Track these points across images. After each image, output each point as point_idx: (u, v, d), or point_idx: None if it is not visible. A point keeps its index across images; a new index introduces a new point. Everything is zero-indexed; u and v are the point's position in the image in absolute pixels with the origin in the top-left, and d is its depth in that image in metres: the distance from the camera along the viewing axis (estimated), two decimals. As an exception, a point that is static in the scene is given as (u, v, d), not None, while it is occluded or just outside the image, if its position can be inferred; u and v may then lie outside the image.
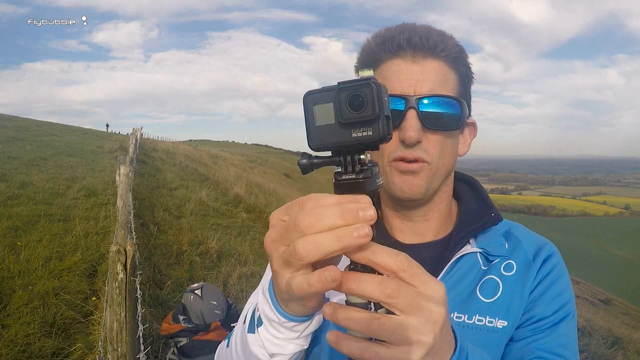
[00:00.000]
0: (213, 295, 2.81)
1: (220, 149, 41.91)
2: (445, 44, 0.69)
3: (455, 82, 0.71)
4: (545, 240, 0.80)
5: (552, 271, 0.75)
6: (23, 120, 24.63)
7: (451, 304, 0.70)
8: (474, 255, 0.75)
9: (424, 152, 0.69)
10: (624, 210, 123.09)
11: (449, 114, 0.69)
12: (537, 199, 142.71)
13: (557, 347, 0.70)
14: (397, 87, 0.68)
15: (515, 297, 0.72)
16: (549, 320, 0.72)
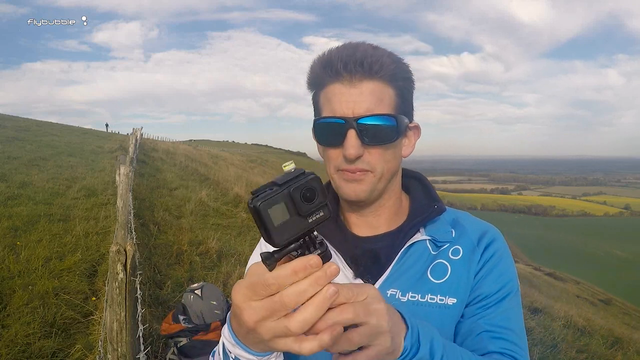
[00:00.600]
0: (213, 295, 2.81)
1: (220, 149, 41.91)
2: (380, 65, 0.76)
3: (392, 97, 0.78)
4: (488, 226, 0.89)
5: (494, 254, 0.84)
6: (23, 120, 24.64)
7: (406, 285, 0.81)
8: (424, 243, 0.84)
9: (365, 164, 0.78)
10: (624, 210, 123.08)
11: (386, 129, 0.77)
12: (537, 199, 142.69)
13: (502, 320, 0.79)
14: (337, 109, 0.77)
15: (463, 278, 0.81)
16: (493, 297, 0.81)
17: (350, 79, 0.76)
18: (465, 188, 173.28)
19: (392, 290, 0.81)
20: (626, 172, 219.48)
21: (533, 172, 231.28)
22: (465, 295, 0.81)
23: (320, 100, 0.81)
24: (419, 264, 0.83)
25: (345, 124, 0.76)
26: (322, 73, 0.79)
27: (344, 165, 0.79)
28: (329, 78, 0.78)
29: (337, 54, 0.77)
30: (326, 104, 0.79)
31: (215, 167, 18.24)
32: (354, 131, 0.76)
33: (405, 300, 0.80)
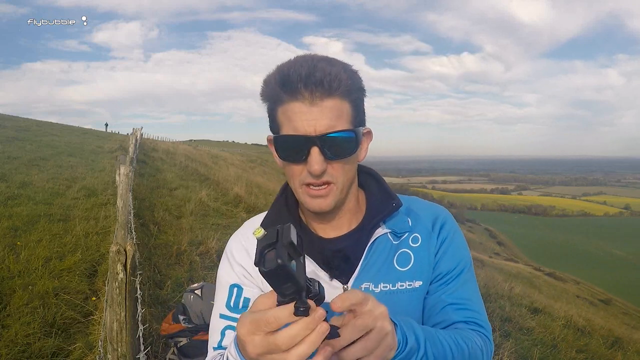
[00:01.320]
0: (213, 295, 2.81)
1: (220, 149, 41.92)
2: (339, 82, 0.78)
3: (349, 111, 0.82)
4: (438, 209, 0.97)
5: (448, 235, 0.93)
6: (23, 120, 24.64)
7: (376, 277, 0.88)
8: (385, 236, 0.91)
9: (330, 176, 0.82)
10: (624, 210, 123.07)
11: (346, 143, 0.81)
12: (537, 199, 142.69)
13: (462, 293, 0.90)
14: (299, 127, 0.79)
15: (424, 262, 0.90)
16: (452, 273, 0.91)
17: (311, 98, 0.78)
18: (465, 188, 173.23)
19: (365, 284, 0.88)
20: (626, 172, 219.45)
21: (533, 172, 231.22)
22: (429, 276, 0.91)
23: (279, 117, 0.83)
24: (384, 256, 0.90)
25: (309, 141, 0.79)
26: (280, 90, 0.80)
27: (308, 179, 0.82)
28: (288, 96, 0.79)
29: (295, 72, 0.78)
30: (286, 121, 0.81)
31: (215, 167, 18.25)
32: (317, 148, 0.79)
33: (379, 291, 0.88)
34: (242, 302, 0.92)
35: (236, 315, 0.91)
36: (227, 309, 0.92)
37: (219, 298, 0.95)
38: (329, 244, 0.92)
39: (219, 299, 0.95)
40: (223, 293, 0.94)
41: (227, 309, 0.92)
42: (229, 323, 0.91)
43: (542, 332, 5.32)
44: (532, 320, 5.78)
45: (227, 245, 1.01)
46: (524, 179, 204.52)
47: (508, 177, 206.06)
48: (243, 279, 0.94)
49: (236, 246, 0.97)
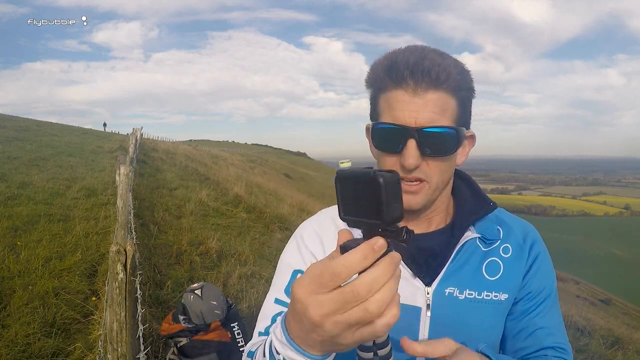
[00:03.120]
0: (213, 295, 2.81)
1: (220, 149, 41.91)
2: (447, 75, 0.74)
3: (455, 108, 0.78)
4: (528, 225, 0.95)
5: (539, 254, 0.90)
6: (23, 120, 24.62)
7: (463, 283, 0.84)
8: (474, 240, 0.87)
9: (423, 174, 0.78)
10: (624, 210, 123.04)
11: (446, 142, 0.77)
12: (537, 199, 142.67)
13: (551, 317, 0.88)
14: (399, 116, 0.75)
15: (513, 275, 0.87)
16: (542, 295, 0.88)
17: (415, 88, 0.74)
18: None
19: (449, 288, 0.83)
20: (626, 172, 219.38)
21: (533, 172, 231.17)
22: (515, 291, 0.87)
23: (380, 104, 0.80)
24: (472, 262, 0.85)
25: (406, 133, 0.75)
26: (385, 77, 0.77)
27: (401, 174, 0.76)
28: (393, 83, 0.76)
29: (403, 59, 0.75)
30: (387, 109, 0.78)
31: (215, 167, 18.25)
32: (415, 141, 0.75)
33: (463, 298, 0.83)
34: None
35: None
36: (285, 294, 0.85)
37: (278, 282, 0.88)
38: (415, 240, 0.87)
39: (277, 282, 0.88)
40: (284, 277, 0.88)
41: (286, 294, 0.85)
42: (283, 309, 0.84)
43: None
44: (532, 320, 5.78)
45: (298, 229, 0.96)
46: (524, 179, 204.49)
47: (508, 177, 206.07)
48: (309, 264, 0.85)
49: (309, 231, 0.92)
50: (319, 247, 0.89)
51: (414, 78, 0.74)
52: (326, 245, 0.89)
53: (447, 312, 0.82)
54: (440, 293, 0.83)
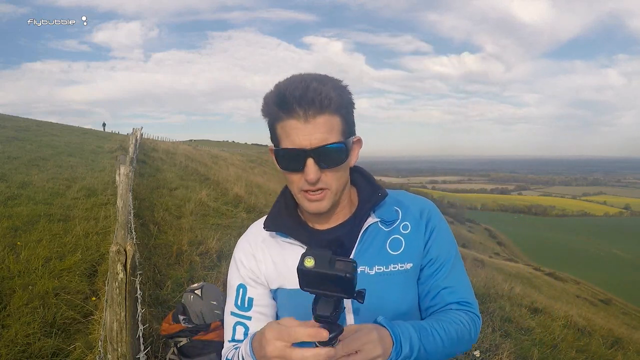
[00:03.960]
0: (213, 295, 2.81)
1: (220, 149, 41.91)
2: (329, 100, 0.88)
3: (340, 124, 0.92)
4: (424, 200, 1.08)
5: (436, 225, 1.04)
6: (23, 120, 24.63)
7: (371, 261, 0.98)
8: (376, 224, 1.02)
9: (324, 183, 0.93)
10: (624, 210, 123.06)
11: (338, 154, 0.91)
12: (537, 199, 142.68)
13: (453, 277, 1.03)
14: (296, 141, 0.89)
15: (414, 246, 1.01)
16: (442, 260, 1.03)
17: (305, 116, 0.88)
18: (465, 188, 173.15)
19: (360, 267, 0.96)
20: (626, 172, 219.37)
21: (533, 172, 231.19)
22: (419, 259, 1.02)
23: (278, 131, 0.93)
24: (376, 242, 1.00)
25: (304, 154, 0.89)
26: (278, 110, 0.90)
27: (305, 187, 0.93)
28: (285, 114, 0.89)
29: (290, 93, 0.88)
30: (284, 136, 0.91)
31: (215, 167, 18.25)
32: (312, 159, 0.89)
33: (373, 273, 0.98)
34: (247, 301, 1.05)
35: (242, 312, 1.05)
36: (235, 307, 1.06)
37: (230, 298, 1.08)
38: (325, 234, 1.03)
39: (229, 299, 1.08)
40: (232, 293, 1.07)
41: (236, 307, 1.06)
42: (238, 320, 1.05)
43: (542, 332, 5.32)
44: (532, 320, 5.77)
45: (234, 250, 1.11)
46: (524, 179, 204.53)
47: (508, 177, 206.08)
48: (248, 279, 1.06)
49: (242, 251, 1.09)
50: (253, 261, 1.06)
51: (302, 108, 0.87)
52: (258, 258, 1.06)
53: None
54: None
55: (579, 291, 23.58)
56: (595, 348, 5.44)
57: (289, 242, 1.02)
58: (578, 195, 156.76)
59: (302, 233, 1.02)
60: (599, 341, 5.86)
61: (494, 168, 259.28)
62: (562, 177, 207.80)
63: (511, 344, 4.41)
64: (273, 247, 1.05)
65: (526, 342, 4.77)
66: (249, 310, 1.05)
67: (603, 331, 6.78)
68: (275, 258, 1.04)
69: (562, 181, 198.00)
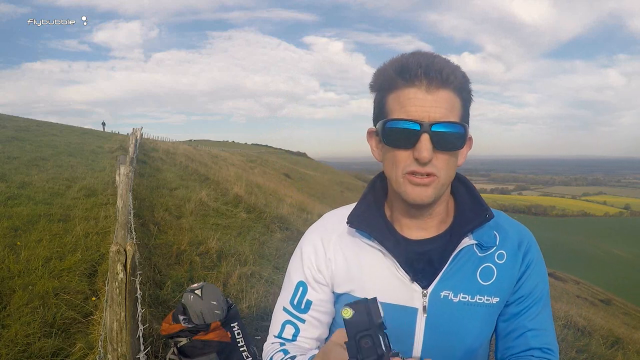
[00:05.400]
0: (213, 295, 2.81)
1: (220, 149, 41.89)
2: (455, 76, 0.80)
3: (460, 107, 0.83)
4: (524, 229, 0.97)
5: (533, 259, 0.93)
6: (23, 120, 24.61)
7: (457, 287, 0.88)
8: (471, 247, 0.90)
9: (434, 168, 0.81)
10: (624, 210, 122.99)
11: (456, 137, 0.81)
12: (537, 199, 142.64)
13: (541, 320, 0.92)
14: (413, 112, 0.79)
15: (506, 280, 0.91)
16: (533, 299, 0.92)
17: (428, 86, 0.79)
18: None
19: (445, 292, 0.88)
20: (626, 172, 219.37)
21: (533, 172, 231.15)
22: (507, 294, 0.92)
23: (389, 103, 0.83)
24: (467, 267, 0.89)
25: (420, 128, 0.79)
26: (397, 77, 0.81)
27: (413, 167, 0.81)
28: (405, 82, 0.80)
29: (414, 61, 0.80)
30: (398, 107, 0.81)
31: (215, 167, 18.24)
32: (428, 135, 0.79)
33: (457, 301, 0.88)
34: (305, 303, 0.97)
35: (297, 312, 0.97)
36: (290, 305, 0.97)
37: (285, 293, 0.99)
38: (413, 246, 0.91)
39: (284, 294, 0.99)
40: (290, 288, 0.98)
41: (290, 305, 0.97)
42: (289, 318, 0.97)
43: (542, 332, 5.32)
44: (532, 320, 5.77)
45: (302, 239, 1.01)
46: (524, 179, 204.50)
47: (508, 177, 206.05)
48: (311, 279, 0.96)
49: (312, 244, 0.98)
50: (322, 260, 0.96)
51: (427, 77, 0.78)
52: (329, 256, 0.95)
53: (441, 314, 0.88)
54: (436, 296, 0.88)
55: (579, 291, 23.58)
56: (595, 348, 5.44)
57: (371, 244, 0.91)
58: (578, 195, 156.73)
59: (388, 238, 0.90)
60: (599, 341, 5.85)
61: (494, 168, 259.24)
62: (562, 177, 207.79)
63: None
64: (349, 246, 0.93)
65: (526, 342, 4.77)
66: (304, 312, 0.96)
67: (603, 331, 6.77)
68: (349, 259, 0.93)
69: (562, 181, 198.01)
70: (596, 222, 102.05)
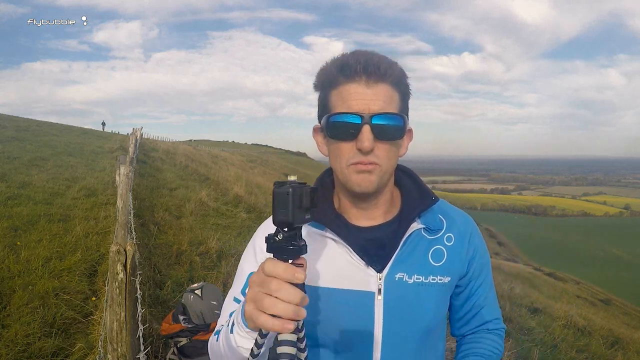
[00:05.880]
0: (213, 295, 2.81)
1: (220, 149, 41.89)
2: (392, 71, 0.85)
3: (398, 100, 0.88)
4: (467, 216, 1.05)
5: (479, 243, 1.02)
6: (23, 120, 24.62)
7: (411, 269, 0.93)
8: (419, 231, 0.96)
9: (375, 157, 0.86)
10: (624, 210, 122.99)
11: (395, 127, 0.87)
12: (537, 199, 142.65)
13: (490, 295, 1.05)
14: (354, 106, 0.84)
15: (456, 260, 0.98)
16: (482, 277, 1.03)
17: (367, 81, 0.84)
18: (465, 188, 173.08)
19: (399, 274, 0.93)
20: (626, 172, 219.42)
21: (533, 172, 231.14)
22: (457, 274, 0.99)
23: (332, 99, 0.88)
24: (419, 249, 0.95)
25: (361, 120, 0.84)
26: (338, 74, 0.86)
27: (356, 158, 0.86)
28: (346, 78, 0.85)
29: (353, 58, 0.85)
30: (340, 102, 0.86)
31: (215, 167, 18.24)
32: (369, 126, 0.84)
33: (412, 282, 0.93)
34: None
35: None
36: (241, 295, 0.97)
37: (237, 284, 1.00)
38: (365, 233, 0.95)
39: (236, 285, 1.00)
40: (241, 279, 0.99)
41: (242, 295, 0.97)
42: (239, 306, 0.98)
43: (542, 332, 5.32)
44: (532, 320, 5.78)
45: (255, 235, 1.04)
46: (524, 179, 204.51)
47: (508, 177, 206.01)
48: None
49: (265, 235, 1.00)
50: None
51: (366, 72, 0.84)
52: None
53: (397, 296, 0.93)
54: (391, 278, 0.92)
55: (579, 291, 23.57)
56: (595, 348, 5.45)
57: (324, 234, 0.94)
58: (578, 195, 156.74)
59: (341, 227, 0.94)
60: (599, 341, 5.86)
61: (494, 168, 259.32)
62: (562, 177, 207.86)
63: (511, 344, 4.41)
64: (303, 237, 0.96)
65: (526, 342, 4.77)
66: None
67: (603, 331, 6.78)
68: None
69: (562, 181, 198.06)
70: (596, 222, 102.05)
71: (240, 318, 0.76)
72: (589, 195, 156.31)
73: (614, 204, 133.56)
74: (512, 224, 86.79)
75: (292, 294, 0.65)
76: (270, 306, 0.65)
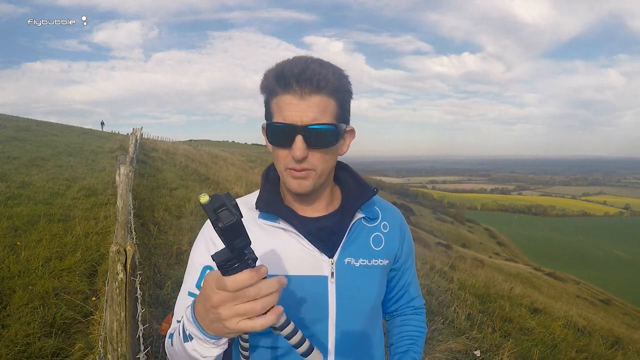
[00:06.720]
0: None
1: (220, 149, 41.90)
2: (327, 81, 0.89)
3: (334, 108, 0.93)
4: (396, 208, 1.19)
5: (407, 231, 1.17)
6: (23, 120, 24.64)
7: (356, 254, 1.04)
8: (360, 220, 1.07)
9: (309, 164, 0.93)
10: (624, 210, 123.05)
11: (327, 135, 0.92)
12: (537, 199, 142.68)
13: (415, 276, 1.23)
14: (288, 117, 0.90)
15: (391, 245, 1.11)
16: (410, 262, 1.19)
17: (300, 93, 0.89)
18: (465, 188, 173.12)
19: (348, 258, 1.03)
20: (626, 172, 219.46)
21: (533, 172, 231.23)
22: (392, 257, 1.12)
23: (272, 107, 0.94)
24: (362, 236, 1.06)
25: (294, 130, 0.89)
26: (275, 84, 0.91)
27: (292, 165, 0.93)
28: (282, 89, 0.90)
29: (289, 69, 0.89)
30: (278, 111, 0.92)
31: (215, 167, 18.25)
32: (302, 137, 0.90)
33: (358, 265, 1.03)
34: None
35: None
36: (196, 288, 0.99)
37: (190, 278, 1.02)
38: (313, 222, 1.04)
39: (189, 279, 1.02)
40: (195, 273, 1.01)
41: (197, 288, 0.99)
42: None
43: (542, 332, 5.32)
44: (532, 320, 5.78)
45: (204, 227, 1.06)
46: (524, 179, 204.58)
47: (508, 177, 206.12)
48: None
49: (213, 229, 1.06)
50: None
51: (299, 85, 0.88)
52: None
53: (347, 278, 1.02)
54: (341, 263, 1.02)
55: (579, 291, 23.57)
56: (595, 348, 5.45)
57: (278, 225, 1.00)
58: (578, 195, 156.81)
59: (293, 218, 1.01)
60: (599, 341, 5.86)
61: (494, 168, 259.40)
62: (562, 177, 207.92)
63: (511, 344, 4.41)
64: (256, 229, 1.00)
65: (526, 342, 4.77)
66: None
67: (603, 331, 6.79)
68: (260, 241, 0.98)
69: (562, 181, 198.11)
70: (596, 222, 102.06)
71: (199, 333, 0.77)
72: (588, 195, 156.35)
73: (614, 204, 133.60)
74: (512, 224, 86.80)
75: (271, 285, 0.70)
76: (263, 307, 0.69)
